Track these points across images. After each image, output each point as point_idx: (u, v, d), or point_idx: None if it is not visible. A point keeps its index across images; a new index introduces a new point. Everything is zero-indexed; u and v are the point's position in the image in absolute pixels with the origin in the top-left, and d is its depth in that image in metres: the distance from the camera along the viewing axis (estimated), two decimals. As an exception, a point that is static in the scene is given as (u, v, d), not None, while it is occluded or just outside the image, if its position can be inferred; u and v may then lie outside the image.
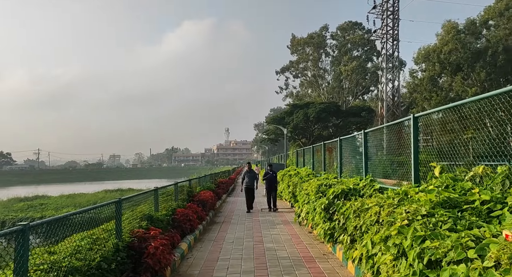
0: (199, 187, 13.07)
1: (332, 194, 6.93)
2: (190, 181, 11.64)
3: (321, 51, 71.06)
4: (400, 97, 37.40)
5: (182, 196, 10.13)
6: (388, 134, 6.32)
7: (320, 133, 55.00)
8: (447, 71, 55.14)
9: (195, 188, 12.52)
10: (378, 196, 5.34)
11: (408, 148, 5.24)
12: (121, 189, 47.77)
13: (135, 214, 6.27)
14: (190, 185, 11.43)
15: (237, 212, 13.20)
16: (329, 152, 11.10)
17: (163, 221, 6.94)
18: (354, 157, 8.44)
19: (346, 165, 9.09)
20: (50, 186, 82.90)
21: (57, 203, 31.17)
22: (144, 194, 7.00)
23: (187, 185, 11.34)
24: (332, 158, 10.69)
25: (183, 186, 10.83)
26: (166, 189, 9.38)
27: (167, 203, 8.74)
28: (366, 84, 68.40)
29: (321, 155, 12.08)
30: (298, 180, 12.57)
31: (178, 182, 9.99)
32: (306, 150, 15.40)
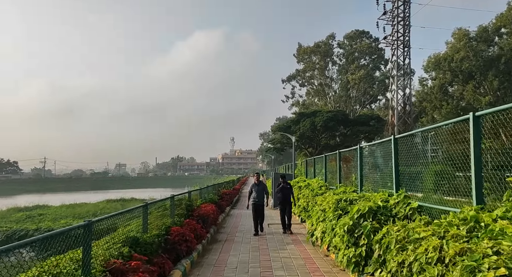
0: (200, 200, 11.87)
1: (356, 212, 5.70)
2: (190, 194, 10.45)
3: (327, 60, 70.22)
4: (411, 105, 36.08)
5: (180, 211, 8.95)
6: (433, 138, 5.12)
7: (327, 143, 53.66)
8: (458, 80, 53.83)
9: (196, 201, 11.34)
10: (424, 219, 4.11)
11: (460, 156, 4.06)
12: (123, 199, 46.75)
13: (117, 237, 5.10)
14: (189, 198, 10.25)
15: (241, 228, 11.95)
16: (345, 162, 9.89)
17: (153, 244, 5.75)
18: (378, 167, 7.22)
19: (368, 177, 7.86)
20: (54, 195, 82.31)
21: (56, 213, 30.13)
22: (130, 212, 5.82)
23: (187, 197, 10.16)
24: (350, 168, 9.46)
25: (181, 200, 9.65)
26: (163, 203, 8.22)
27: (161, 220, 7.56)
28: (373, 93, 67.27)
29: (335, 165, 10.85)
30: (310, 193, 11.34)
31: (176, 195, 8.82)
32: (317, 159, 14.19)
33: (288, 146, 57.52)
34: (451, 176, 4.36)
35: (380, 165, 7.00)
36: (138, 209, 6.15)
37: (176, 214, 8.62)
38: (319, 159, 13.94)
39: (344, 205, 6.98)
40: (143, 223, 6.08)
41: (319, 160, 13.97)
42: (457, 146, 4.14)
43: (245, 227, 12.05)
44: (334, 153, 10.63)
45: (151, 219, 6.84)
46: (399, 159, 5.98)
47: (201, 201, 11.95)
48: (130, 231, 5.61)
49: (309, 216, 10.06)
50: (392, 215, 5.48)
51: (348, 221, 5.73)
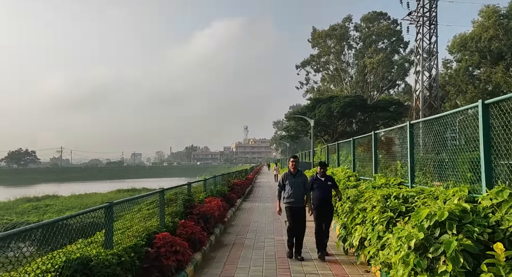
0: (203, 193, 10.00)
1: (427, 219, 3.68)
2: (190, 186, 8.55)
3: (343, 44, 67.09)
4: (438, 87, 33.25)
5: (174, 209, 7.09)
6: None
7: (344, 130, 51.26)
8: (486, 61, 50.21)
9: (198, 195, 9.48)
10: None
11: None
12: (134, 189, 45.69)
13: (56, 259, 3.23)
14: (189, 191, 8.37)
15: (253, 226, 10.04)
16: (384, 146, 7.81)
17: (119, 264, 3.87)
18: (443, 151, 5.11)
19: (425, 165, 5.77)
20: (70, 184, 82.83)
21: (63, 204, 29.04)
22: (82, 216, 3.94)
23: (185, 191, 8.28)
24: (391, 154, 7.39)
25: (178, 194, 7.78)
26: (149, 198, 6.36)
27: (145, 222, 5.71)
28: (392, 78, 64.12)
29: (369, 150, 8.79)
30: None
31: (168, 189, 6.93)
32: (343, 145, 12.10)
33: (303, 134, 55.29)
34: None
35: (451, 147, 4.89)
36: (100, 208, 4.26)
37: (169, 213, 6.75)
38: (344, 144, 11.85)
39: (395, 203, 4.94)
40: (105, 233, 4.20)
41: (344, 145, 11.89)
42: None
43: (258, 225, 10.14)
44: (368, 135, 8.53)
45: (125, 222, 4.98)
46: (496, 137, 3.87)
47: (205, 195, 10.08)
48: (79, 249, 3.72)
49: (337, 214, 8.06)
50: (490, 224, 3.43)
51: (414, 232, 3.70)
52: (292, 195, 6.61)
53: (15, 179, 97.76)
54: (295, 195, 6.60)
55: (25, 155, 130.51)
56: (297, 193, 6.61)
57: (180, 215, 7.14)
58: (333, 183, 7.14)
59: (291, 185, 6.65)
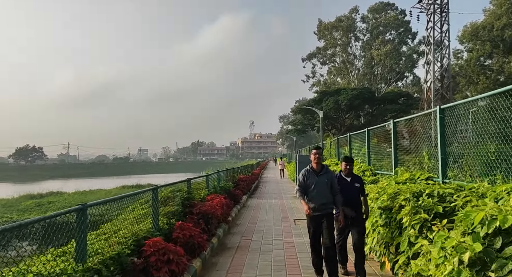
0: (205, 190, 9.23)
1: (483, 224, 2.86)
2: (189, 182, 7.76)
3: (350, 35, 65.84)
4: (450, 78, 32.05)
5: (171, 209, 6.33)
6: None
7: (352, 123, 50.27)
8: (498, 50, 48.71)
9: (199, 192, 8.72)
10: None
11: None
12: (139, 185, 45.24)
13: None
14: (188, 188, 7.59)
15: (260, 226, 9.26)
16: (406, 136, 6.94)
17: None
18: (485, 139, 4.25)
19: (461, 156, 4.91)
20: (77, 181, 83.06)
21: (67, 201, 28.58)
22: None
23: (184, 188, 7.51)
24: (415, 144, 6.52)
25: (176, 191, 7.01)
26: (140, 196, 5.60)
27: (137, 224, 4.96)
28: (400, 70, 62.84)
29: (386, 142, 7.93)
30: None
31: (163, 186, 6.14)
32: (355, 136, 11.23)
33: (310, 127, 54.34)
34: None
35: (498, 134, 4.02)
36: (72, 214, 3.49)
37: (165, 213, 5.99)
38: (357, 135, 10.98)
39: (429, 203, 4.10)
40: (76, 243, 3.41)
41: (357, 136, 11.02)
42: None
43: (265, 225, 9.36)
44: (386, 124, 7.65)
45: (112, 226, 4.22)
46: None
47: (208, 192, 9.32)
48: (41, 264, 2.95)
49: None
50: None
51: (468, 242, 2.87)
52: (316, 198, 4.94)
53: (22, 176, 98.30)
54: (320, 198, 4.92)
55: (32, 151, 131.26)
56: (323, 196, 4.93)
57: (178, 215, 6.38)
58: (361, 186, 5.27)
59: (315, 186, 4.93)
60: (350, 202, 5.08)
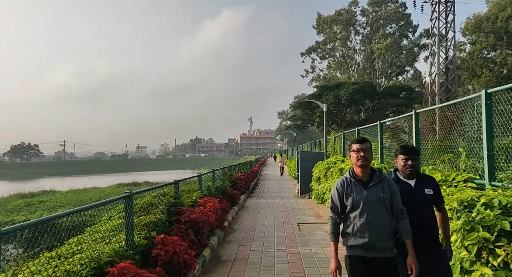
0: (197, 192, 8.15)
1: None
2: (177, 185, 6.66)
3: (350, 29, 64.74)
4: (456, 70, 30.97)
5: (152, 218, 5.25)
6: None
7: (352, 118, 49.30)
8: (502, 43, 47.66)
9: (190, 195, 7.64)
10: None
11: None
12: (136, 182, 44.20)
13: None
14: (176, 192, 6.50)
15: (260, 232, 8.21)
16: (435, 128, 5.86)
17: None
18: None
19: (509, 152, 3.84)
20: (74, 178, 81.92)
21: (58, 200, 27.51)
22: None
23: (172, 191, 6.43)
24: (446, 138, 5.45)
25: (161, 196, 5.93)
26: (114, 205, 4.52)
27: (106, 241, 3.88)
28: (401, 64, 61.89)
29: (402, 136, 6.87)
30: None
31: (138, 192, 4.99)
32: (365, 131, 10.15)
33: (310, 123, 53.26)
34: None
35: None
36: None
37: (144, 224, 4.91)
38: (367, 129, 9.91)
39: (490, 217, 3.03)
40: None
41: (366, 131, 9.94)
42: None
43: (266, 230, 8.31)
44: (408, 115, 6.55)
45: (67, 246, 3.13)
46: None
47: (200, 194, 8.24)
48: None
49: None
50: None
51: None
52: (367, 229, 2.81)
53: (18, 173, 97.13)
54: (373, 228, 2.80)
55: (28, 149, 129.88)
56: (379, 224, 2.81)
57: (162, 225, 5.30)
58: (436, 193, 3.10)
59: (363, 207, 2.82)
60: (420, 225, 2.92)
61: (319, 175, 12.17)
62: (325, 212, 10.52)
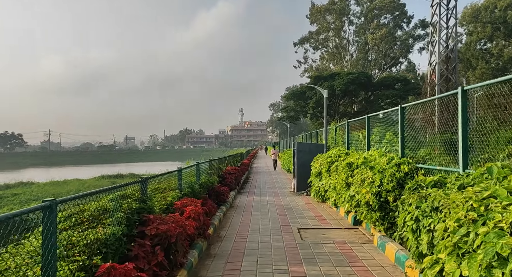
0: (174, 192, 6.51)
1: None
2: (145, 184, 4.96)
3: (344, 19, 63.23)
4: (457, 59, 29.70)
5: (100, 235, 3.64)
6: None
7: (346, 110, 48.10)
8: (499, 33, 46.68)
9: (165, 196, 6.03)
10: None
11: None
12: (120, 174, 42.29)
13: None
14: (143, 192, 4.86)
15: (252, 239, 6.67)
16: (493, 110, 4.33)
17: None
18: None
19: None
20: (59, 169, 79.42)
21: (34, 193, 25.59)
22: None
23: (137, 192, 4.79)
24: None
25: (119, 200, 4.31)
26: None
27: None
28: (395, 55, 60.82)
29: (436, 121, 5.35)
30: (386, 180, 5.93)
31: (66, 199, 3.33)
32: (374, 120, 8.61)
33: (303, 114, 51.83)
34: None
35: None
36: None
37: (84, 245, 3.29)
38: (380, 120, 8.38)
39: None
40: None
41: (377, 119, 8.41)
42: None
43: (260, 238, 6.77)
44: (452, 93, 4.97)
45: None
46: None
47: (179, 194, 6.61)
48: None
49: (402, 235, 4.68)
50: None
51: None
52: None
53: (0, 163, 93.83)
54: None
55: (11, 138, 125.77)
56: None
57: (117, 242, 3.71)
58: None
59: None
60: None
61: (320, 169, 10.67)
62: (327, 213, 9.03)
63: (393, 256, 5.16)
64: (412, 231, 4.14)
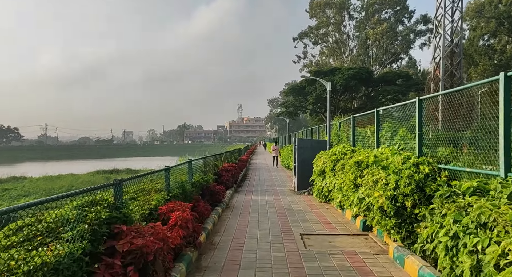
0: (160, 195, 5.67)
1: None
2: (119, 187, 4.06)
3: (344, 13, 62.18)
4: (462, 53, 28.87)
5: (47, 257, 2.84)
6: None
7: (346, 105, 47.26)
8: (503, 29, 45.80)
9: (148, 199, 5.22)
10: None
11: None
12: (117, 169, 41.39)
13: None
14: (117, 198, 4.01)
15: (249, 249, 5.88)
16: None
17: None
18: None
19: None
20: (55, 163, 78.57)
21: (25, 188, 24.73)
22: None
23: (111, 198, 3.97)
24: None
25: (82, 207, 3.50)
26: None
27: None
28: (395, 51, 59.92)
29: (458, 117, 4.56)
30: (405, 184, 5.13)
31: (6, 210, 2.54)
32: (388, 113, 7.79)
33: (302, 110, 50.99)
34: None
35: None
36: None
37: (29, 271, 2.49)
38: (388, 111, 7.55)
39: None
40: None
41: (389, 112, 7.58)
42: None
43: (258, 247, 5.98)
44: (492, 80, 4.15)
45: None
46: None
47: (166, 196, 5.78)
48: None
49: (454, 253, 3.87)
50: None
51: None
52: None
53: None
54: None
55: (7, 132, 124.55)
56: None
57: (75, 265, 2.91)
58: None
59: None
60: None
61: (323, 167, 9.87)
62: (332, 215, 8.24)
63: (416, 273, 4.37)
64: (447, 249, 3.34)
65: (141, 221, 4.57)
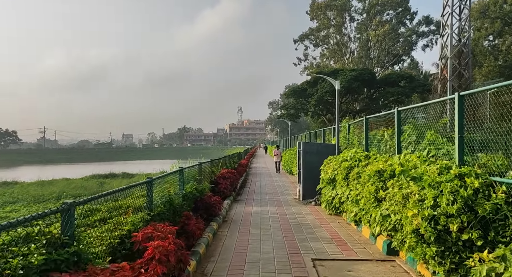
0: (139, 216, 4.50)
1: None
2: (69, 214, 2.87)
3: (345, 15, 61.34)
4: (470, 53, 27.82)
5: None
6: None
7: (349, 108, 46.17)
8: (509, 29, 44.83)
9: (120, 222, 4.09)
10: None
11: None
12: (113, 173, 40.25)
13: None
14: (66, 230, 2.89)
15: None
16: None
17: None
18: None
19: None
20: (53, 167, 77.54)
21: (14, 194, 23.56)
22: None
23: (58, 229, 2.85)
24: None
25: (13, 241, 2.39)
26: None
27: None
28: (397, 53, 59.00)
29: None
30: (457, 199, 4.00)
31: None
32: (409, 113, 6.64)
33: (303, 112, 49.90)
34: None
35: None
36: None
37: None
38: (410, 111, 6.42)
39: None
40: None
41: (408, 113, 6.45)
42: None
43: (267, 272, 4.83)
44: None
45: None
46: None
47: (146, 218, 4.64)
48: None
49: None
50: None
51: None
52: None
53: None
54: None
55: (5, 135, 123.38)
56: None
57: None
58: None
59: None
60: None
61: (333, 175, 8.73)
62: (346, 232, 7.10)
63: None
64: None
65: (106, 255, 3.44)
